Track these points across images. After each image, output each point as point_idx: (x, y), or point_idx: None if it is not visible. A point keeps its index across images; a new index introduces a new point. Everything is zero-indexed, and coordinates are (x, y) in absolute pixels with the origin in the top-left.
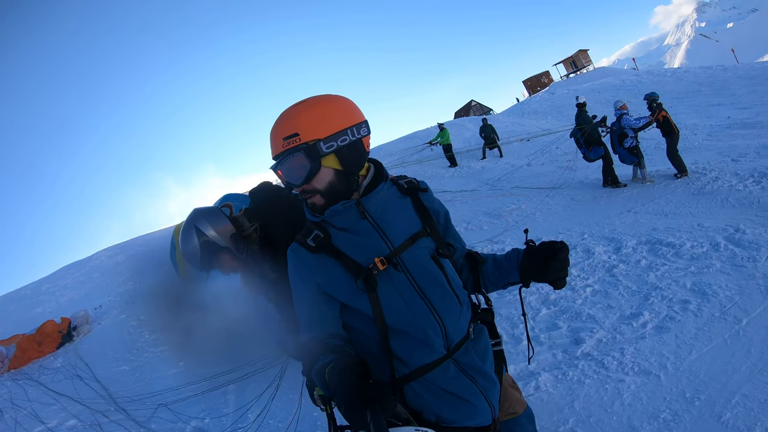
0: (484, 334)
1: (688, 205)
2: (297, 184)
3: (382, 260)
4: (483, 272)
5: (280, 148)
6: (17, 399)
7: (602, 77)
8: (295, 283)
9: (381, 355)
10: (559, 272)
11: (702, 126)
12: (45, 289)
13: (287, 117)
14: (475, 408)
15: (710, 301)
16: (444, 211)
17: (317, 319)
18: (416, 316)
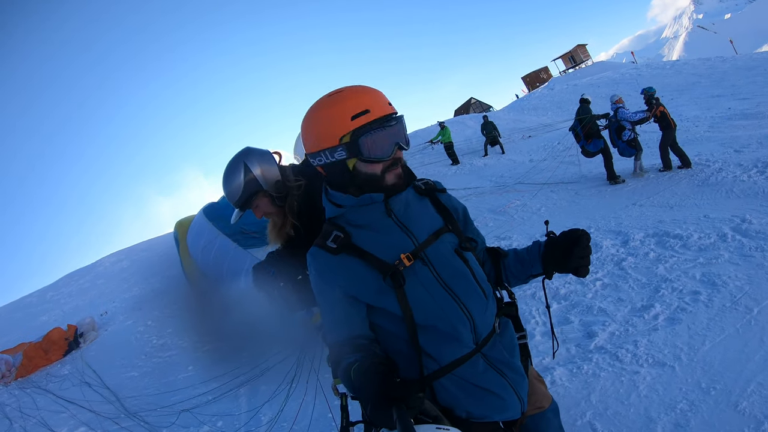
0: (510, 328)
1: (693, 197)
2: (406, 146)
3: (408, 256)
4: (505, 266)
5: (389, 108)
6: (26, 407)
7: (601, 72)
8: (319, 286)
9: (410, 353)
10: (582, 259)
11: (703, 118)
12: (50, 297)
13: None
14: (504, 402)
15: (720, 292)
16: (462, 207)
17: (344, 321)
18: (444, 311)
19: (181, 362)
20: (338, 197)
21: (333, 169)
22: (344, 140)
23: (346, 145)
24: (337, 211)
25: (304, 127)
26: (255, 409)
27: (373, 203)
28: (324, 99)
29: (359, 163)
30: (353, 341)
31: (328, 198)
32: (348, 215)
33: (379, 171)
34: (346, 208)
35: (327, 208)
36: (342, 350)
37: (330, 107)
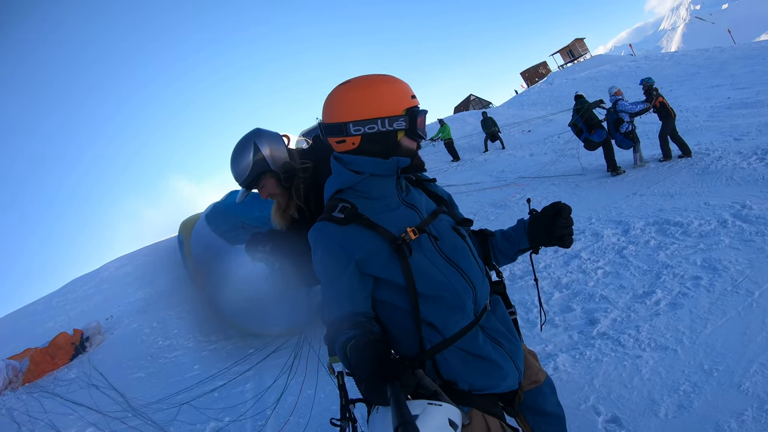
0: (501, 304)
1: (693, 185)
2: (426, 136)
3: (414, 230)
4: (492, 245)
5: (415, 101)
6: (33, 411)
7: (600, 65)
8: (324, 261)
9: (413, 327)
10: (565, 228)
11: (703, 108)
12: (55, 304)
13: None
14: (503, 371)
15: (721, 276)
16: (448, 194)
17: (347, 297)
18: (450, 281)
19: (187, 362)
20: (363, 162)
21: (378, 138)
22: (406, 112)
23: (407, 117)
24: (352, 180)
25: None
26: (258, 397)
27: (392, 175)
28: (380, 75)
29: (404, 137)
30: (352, 318)
31: (344, 166)
32: (361, 186)
33: (415, 147)
34: (364, 177)
35: (338, 178)
36: (339, 327)
37: (392, 82)
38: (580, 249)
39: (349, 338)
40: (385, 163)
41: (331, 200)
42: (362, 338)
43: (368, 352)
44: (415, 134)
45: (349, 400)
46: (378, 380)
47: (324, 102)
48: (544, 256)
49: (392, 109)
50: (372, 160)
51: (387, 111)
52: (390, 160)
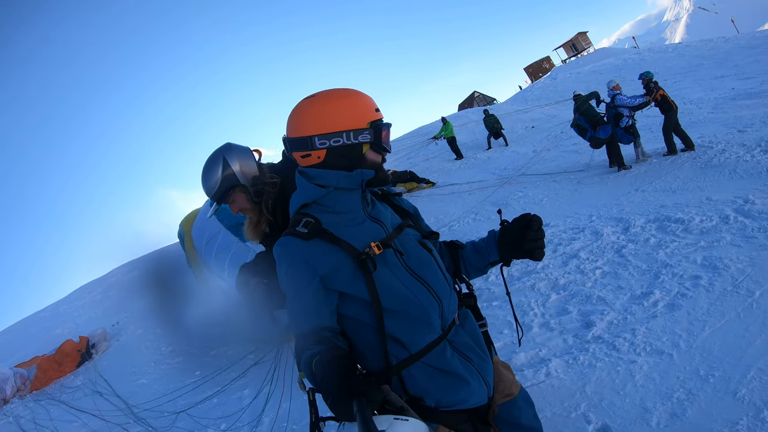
0: (470, 317)
1: (696, 180)
2: (390, 149)
3: (378, 245)
4: (463, 257)
5: (379, 114)
6: (39, 419)
7: (604, 58)
8: (289, 275)
9: (379, 343)
10: (534, 241)
11: (706, 99)
12: (63, 311)
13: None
14: (471, 387)
15: (722, 275)
16: (414, 207)
17: (313, 312)
18: (416, 296)
19: (188, 368)
20: (327, 175)
21: (343, 152)
22: (370, 126)
23: (372, 130)
24: (316, 194)
25: (320, 108)
26: (245, 409)
27: (356, 188)
28: (343, 89)
29: (369, 150)
30: (317, 333)
31: (309, 180)
32: (326, 200)
33: (380, 160)
34: (329, 191)
35: (302, 192)
36: (305, 342)
37: (357, 96)
38: (579, 248)
39: (314, 354)
40: (349, 176)
41: (295, 215)
42: (327, 354)
43: (333, 368)
44: (380, 147)
45: (318, 417)
46: (344, 396)
47: (288, 116)
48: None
49: (357, 122)
50: (336, 173)
51: (352, 124)
52: (354, 172)
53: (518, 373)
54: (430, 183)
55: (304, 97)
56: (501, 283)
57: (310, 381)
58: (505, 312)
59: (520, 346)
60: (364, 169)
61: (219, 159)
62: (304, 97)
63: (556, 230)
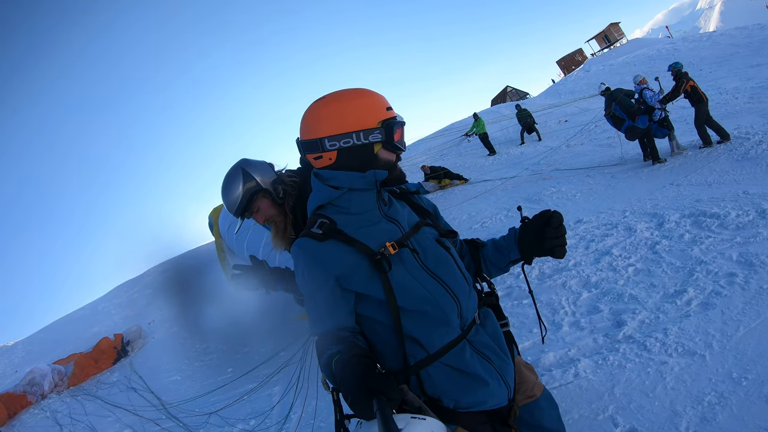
0: (491, 316)
1: (732, 173)
2: (404, 148)
3: (393, 244)
4: (483, 256)
5: (391, 112)
6: (75, 414)
7: (637, 49)
8: (306, 276)
9: (397, 342)
10: (555, 239)
11: (743, 89)
12: (101, 309)
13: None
14: (490, 388)
15: (758, 273)
16: (433, 206)
17: (330, 312)
18: (433, 295)
19: (221, 365)
20: (341, 177)
21: (355, 152)
22: (381, 125)
23: (384, 129)
24: (331, 195)
25: (330, 110)
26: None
27: (371, 189)
28: (353, 89)
29: (381, 150)
30: (336, 333)
31: (322, 182)
32: (341, 201)
33: (394, 159)
34: (343, 192)
35: (317, 194)
36: (325, 342)
37: (367, 95)
38: (612, 245)
39: (334, 353)
40: (362, 177)
41: (312, 216)
42: (347, 353)
43: (353, 367)
44: (392, 146)
45: (343, 415)
46: (363, 394)
47: (301, 119)
48: (574, 254)
49: (367, 122)
50: (349, 174)
51: (361, 124)
52: (367, 173)
53: (546, 374)
54: (463, 179)
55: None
56: (532, 281)
57: (331, 381)
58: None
59: (543, 344)
60: (377, 169)
61: (238, 171)
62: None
63: (588, 226)
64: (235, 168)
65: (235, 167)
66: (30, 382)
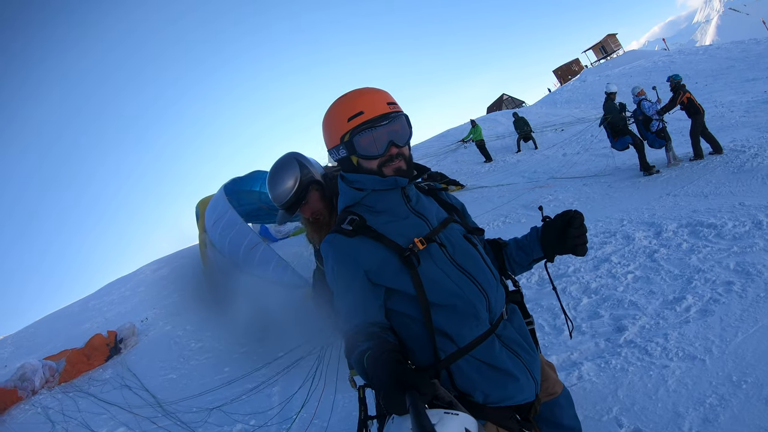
0: (518, 313)
1: (728, 184)
2: (401, 143)
3: (422, 240)
4: (507, 255)
5: (385, 108)
6: (68, 410)
7: (633, 60)
8: (336, 272)
9: (426, 337)
10: (577, 238)
11: (738, 102)
12: (92, 306)
13: (379, 89)
14: (519, 383)
15: (755, 281)
16: (461, 203)
17: (360, 307)
18: (462, 289)
19: (218, 364)
20: (362, 179)
21: (344, 164)
22: (345, 139)
23: (345, 144)
24: (356, 197)
25: (322, 125)
26: (284, 404)
27: (394, 188)
28: (332, 103)
29: (360, 159)
30: (367, 328)
31: (347, 184)
32: (367, 201)
33: (375, 166)
34: (367, 193)
35: (344, 196)
36: (355, 338)
37: (332, 111)
38: (610, 252)
39: (365, 350)
40: (383, 181)
41: (342, 212)
42: (378, 348)
43: (385, 362)
44: (362, 156)
45: (367, 415)
46: (396, 390)
47: None
48: (574, 260)
49: (333, 139)
50: (371, 177)
51: (331, 142)
52: (387, 178)
53: None
54: (459, 185)
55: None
56: (532, 287)
57: (362, 377)
58: (536, 315)
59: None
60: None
61: (293, 161)
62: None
63: (587, 234)
64: (288, 158)
65: (288, 157)
66: (21, 377)
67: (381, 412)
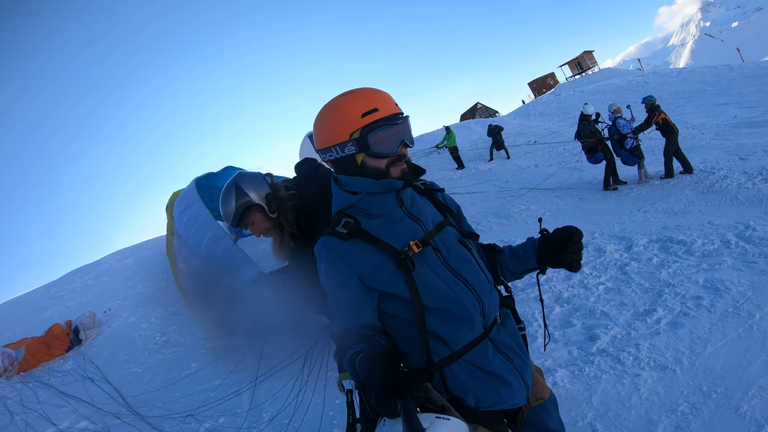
0: (510, 318)
1: (698, 204)
2: (411, 144)
3: (417, 243)
4: (500, 261)
5: (396, 108)
6: (27, 401)
7: (608, 78)
8: (329, 274)
9: (420, 340)
10: (574, 254)
11: (709, 125)
12: (54, 293)
13: (384, 91)
14: (512, 387)
15: (723, 297)
16: (457, 205)
17: (353, 310)
18: (456, 293)
19: (184, 359)
20: (356, 182)
21: (342, 164)
22: (354, 136)
23: (356, 141)
24: (350, 200)
25: (315, 125)
26: (257, 406)
27: (389, 191)
28: (336, 98)
29: (366, 158)
30: (359, 331)
31: (341, 187)
32: (361, 204)
33: (384, 165)
34: (361, 196)
35: (338, 199)
36: (348, 340)
37: (341, 106)
38: (582, 264)
39: (357, 351)
40: (378, 183)
41: (336, 214)
42: (370, 351)
43: (377, 365)
44: (374, 154)
45: (356, 419)
46: (388, 392)
47: None
48: (548, 270)
49: (339, 135)
50: (365, 180)
51: (335, 138)
52: (382, 181)
53: None
54: None
55: None
56: None
57: (354, 379)
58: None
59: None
60: (365, 177)
61: (232, 187)
62: None
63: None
64: (230, 184)
65: (230, 183)
66: None
67: (367, 416)
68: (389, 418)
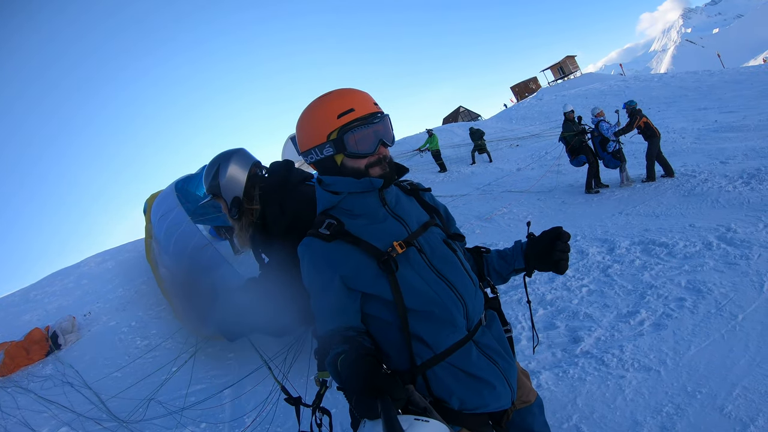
0: (496, 320)
1: (679, 207)
2: (389, 143)
3: (401, 244)
4: (487, 261)
5: (374, 107)
6: (6, 407)
7: (590, 83)
8: (312, 275)
9: (402, 342)
10: (562, 253)
11: (690, 130)
12: (33, 297)
13: (362, 90)
14: (496, 390)
15: (705, 299)
16: (444, 206)
17: (336, 312)
18: (439, 295)
19: (165, 363)
20: (338, 182)
21: (323, 166)
22: (331, 137)
23: (333, 142)
24: (333, 200)
25: (297, 128)
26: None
27: (370, 190)
28: (315, 100)
29: (345, 158)
30: (343, 332)
31: (324, 188)
32: (344, 204)
33: (363, 166)
34: (343, 196)
35: (321, 200)
36: (330, 341)
37: (318, 107)
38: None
39: (339, 353)
40: (359, 182)
41: (319, 215)
42: (352, 352)
43: (358, 366)
44: (351, 155)
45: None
46: (368, 394)
47: None
48: None
49: (318, 136)
50: (346, 180)
51: (315, 140)
52: (362, 180)
53: None
54: None
55: None
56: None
57: (336, 380)
58: None
59: (534, 354)
60: (346, 176)
61: (215, 165)
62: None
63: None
64: (216, 160)
65: (217, 159)
66: None
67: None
68: (369, 419)
